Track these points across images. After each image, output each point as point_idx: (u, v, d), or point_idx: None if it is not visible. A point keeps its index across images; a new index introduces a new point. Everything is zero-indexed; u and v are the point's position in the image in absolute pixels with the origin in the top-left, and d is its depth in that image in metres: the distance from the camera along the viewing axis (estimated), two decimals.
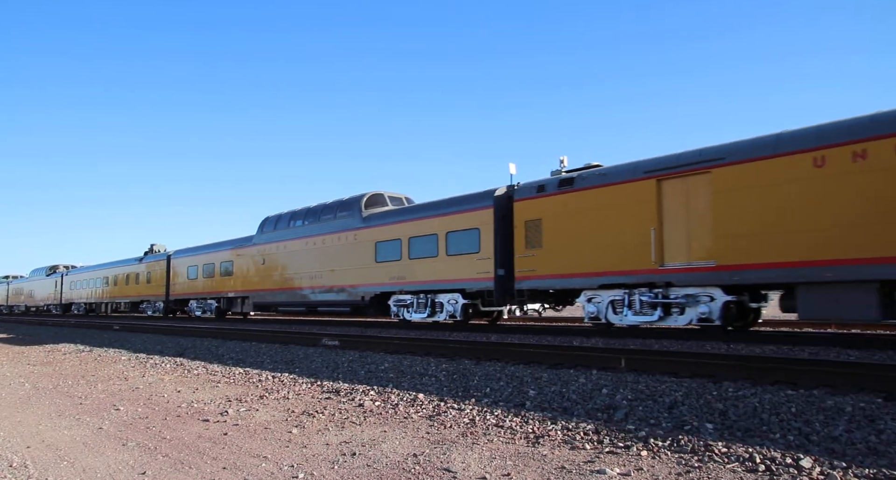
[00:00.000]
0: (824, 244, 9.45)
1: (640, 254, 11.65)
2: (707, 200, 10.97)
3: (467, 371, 7.73)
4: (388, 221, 17.17)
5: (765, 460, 3.63)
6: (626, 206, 12.02)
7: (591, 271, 12.44)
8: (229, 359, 10.88)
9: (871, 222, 9.03)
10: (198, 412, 5.94)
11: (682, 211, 11.39)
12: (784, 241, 9.87)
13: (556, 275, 13.00)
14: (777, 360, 6.84)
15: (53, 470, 4.03)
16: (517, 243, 13.73)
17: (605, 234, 12.27)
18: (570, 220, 12.84)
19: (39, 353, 13.42)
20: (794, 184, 9.79)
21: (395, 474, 3.70)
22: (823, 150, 9.56)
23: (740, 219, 10.47)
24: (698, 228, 11.09)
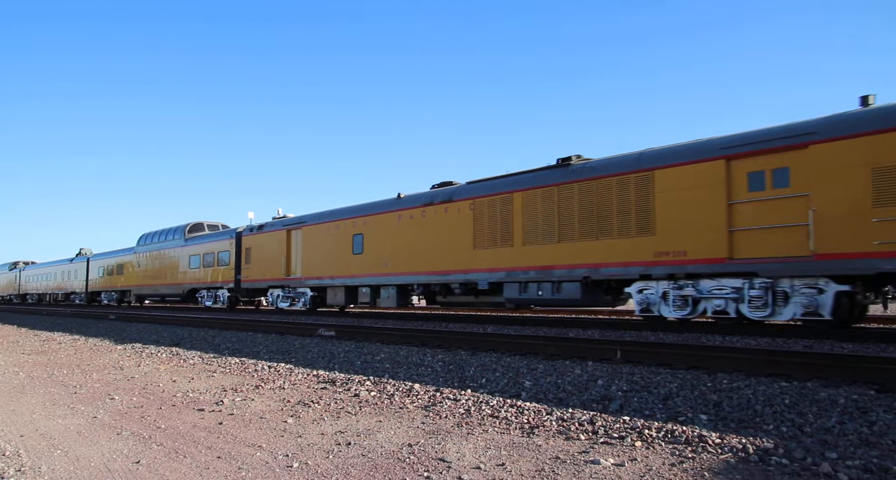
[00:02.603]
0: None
1: (280, 268, 21.93)
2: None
3: (463, 362, 7.75)
4: (193, 242, 27.88)
5: (758, 450, 3.65)
6: (276, 243, 22.19)
7: (268, 278, 22.42)
8: (225, 349, 10.88)
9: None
10: (193, 401, 5.94)
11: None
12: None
13: (254, 279, 23.31)
14: (771, 352, 6.89)
15: (47, 459, 4.02)
16: (242, 261, 24.03)
17: (269, 256, 22.53)
18: (259, 249, 23.17)
19: (34, 342, 13.39)
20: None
21: (390, 463, 3.71)
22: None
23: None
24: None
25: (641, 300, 11.83)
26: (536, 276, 13.30)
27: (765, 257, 10.11)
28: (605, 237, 12.25)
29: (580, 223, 12.67)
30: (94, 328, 17.26)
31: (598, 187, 12.43)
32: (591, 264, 12.41)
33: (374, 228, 17.81)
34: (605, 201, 12.30)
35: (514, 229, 13.85)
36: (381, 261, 17.34)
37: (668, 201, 11.31)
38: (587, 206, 12.58)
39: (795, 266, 9.74)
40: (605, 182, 12.31)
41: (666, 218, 11.33)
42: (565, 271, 12.80)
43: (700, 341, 9.30)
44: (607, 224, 12.23)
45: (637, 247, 11.69)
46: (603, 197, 12.32)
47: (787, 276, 9.93)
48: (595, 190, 12.47)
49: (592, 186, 12.53)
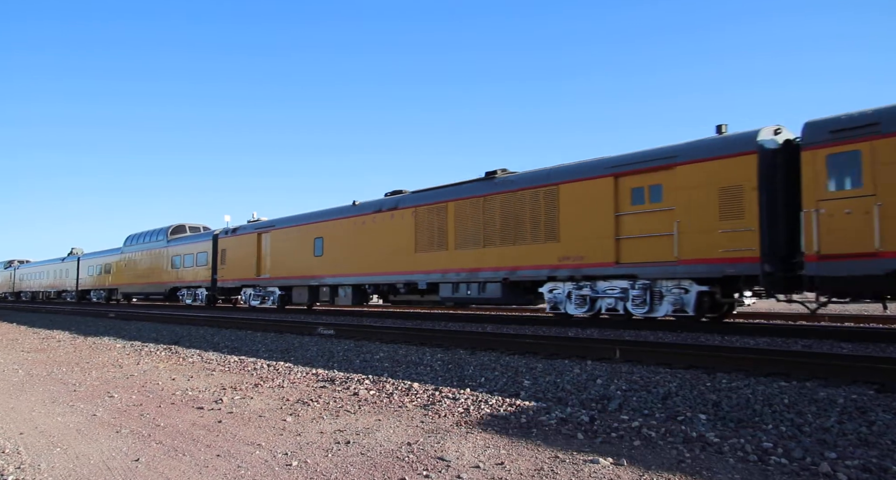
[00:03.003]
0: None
1: (251, 269, 23.64)
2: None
3: (462, 361, 7.75)
4: (175, 243, 29.24)
5: (757, 450, 3.65)
6: (248, 245, 23.74)
7: (242, 277, 23.98)
8: (224, 347, 10.88)
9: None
10: (192, 399, 5.94)
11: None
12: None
13: (229, 279, 24.81)
14: (770, 352, 6.89)
15: (46, 457, 4.02)
16: (218, 262, 25.59)
17: (242, 257, 24.08)
18: (233, 250, 24.57)
19: (33, 340, 13.38)
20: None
21: (389, 462, 3.71)
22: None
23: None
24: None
25: (550, 299, 13.30)
26: (466, 277, 14.85)
27: (643, 262, 11.69)
28: (520, 243, 13.78)
29: (501, 230, 14.20)
30: (93, 326, 17.26)
31: (516, 199, 14.02)
32: (509, 267, 13.94)
33: (333, 232, 19.35)
34: (521, 211, 13.85)
35: (448, 234, 15.42)
36: (338, 263, 18.93)
37: (570, 211, 12.93)
38: (507, 215, 14.13)
39: (665, 270, 11.34)
40: (521, 194, 13.90)
41: (568, 227, 12.93)
42: (489, 273, 14.33)
43: (699, 340, 9.30)
44: (523, 231, 13.77)
45: (545, 252, 13.24)
46: (520, 207, 13.89)
47: (660, 278, 11.51)
48: (514, 201, 14.06)
49: (512, 197, 14.11)
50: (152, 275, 30.41)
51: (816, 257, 9.50)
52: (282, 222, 22.19)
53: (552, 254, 13.11)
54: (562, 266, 12.89)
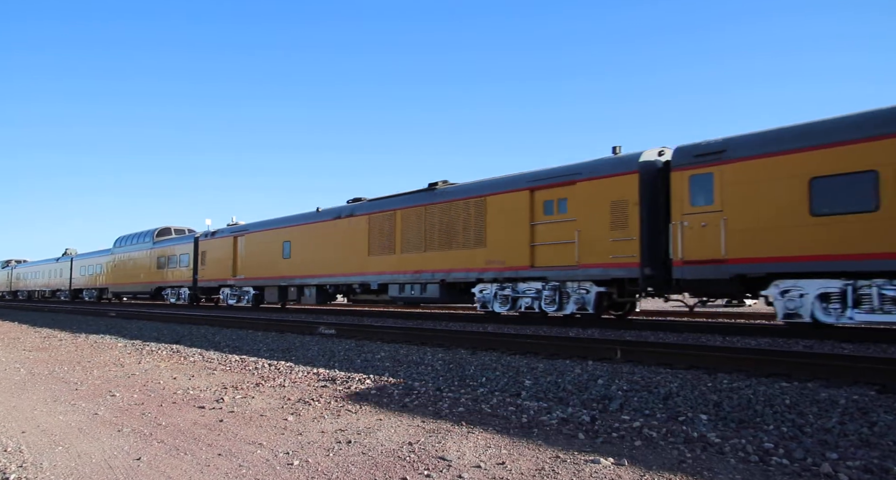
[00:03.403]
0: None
1: (228, 270, 24.81)
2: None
3: (463, 361, 7.75)
4: (160, 245, 30.61)
5: (758, 451, 3.65)
6: (225, 248, 25.25)
7: (220, 278, 25.40)
8: (226, 347, 10.89)
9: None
10: (193, 398, 5.94)
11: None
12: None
13: (208, 279, 26.20)
14: (772, 353, 6.88)
15: (48, 455, 4.03)
16: (199, 263, 26.94)
17: (220, 259, 25.42)
18: (212, 252, 25.92)
19: (35, 339, 13.40)
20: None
21: (391, 462, 3.71)
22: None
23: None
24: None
25: (480, 299, 14.80)
26: (411, 278, 16.33)
27: (552, 266, 13.22)
28: (455, 248, 15.30)
29: (440, 236, 15.72)
30: (94, 325, 17.28)
31: (452, 208, 15.52)
32: (446, 269, 15.44)
33: (299, 236, 20.95)
34: (456, 220, 15.39)
35: (396, 240, 16.96)
36: (303, 265, 20.48)
37: (495, 221, 14.43)
38: (444, 223, 15.66)
39: (569, 273, 12.85)
40: (456, 204, 15.42)
41: (493, 234, 14.43)
42: (429, 275, 15.81)
43: (700, 341, 9.30)
44: (457, 238, 15.30)
45: (475, 256, 14.78)
46: (455, 216, 15.41)
47: (565, 280, 12.98)
48: (450, 210, 15.56)
49: (449, 207, 15.61)
50: (139, 275, 32.09)
51: (681, 263, 11.11)
52: (255, 226, 23.89)
53: (480, 258, 14.65)
54: (488, 269, 14.42)
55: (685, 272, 11.04)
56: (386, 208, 17.51)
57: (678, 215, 11.22)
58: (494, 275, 14.25)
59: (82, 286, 40.05)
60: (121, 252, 34.26)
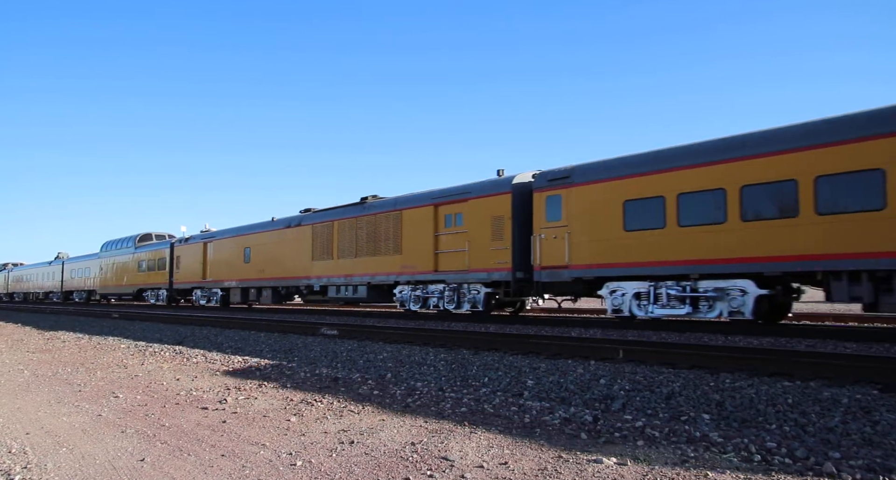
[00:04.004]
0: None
1: (199, 273, 26.95)
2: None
3: (466, 361, 7.76)
4: (141, 250, 32.67)
5: (760, 450, 3.65)
6: (196, 253, 27.38)
7: (192, 280, 27.73)
8: (228, 347, 10.90)
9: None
10: (196, 399, 5.96)
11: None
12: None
13: (182, 282, 28.38)
14: (774, 352, 6.87)
15: (52, 457, 4.04)
16: (174, 267, 29.12)
17: (192, 263, 27.67)
18: (186, 257, 28.15)
19: (38, 340, 13.44)
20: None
21: (393, 462, 3.72)
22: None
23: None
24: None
25: (398, 299, 17.23)
26: (344, 281, 18.71)
27: (451, 270, 15.45)
28: (379, 255, 17.56)
29: (367, 245, 18.02)
30: (97, 327, 17.32)
31: (377, 220, 17.77)
32: (372, 273, 17.77)
33: (257, 243, 23.19)
34: (379, 230, 17.62)
35: (333, 247, 19.26)
36: (261, 269, 22.74)
37: (408, 231, 16.62)
38: (371, 233, 17.93)
39: (462, 276, 15.13)
40: (379, 216, 17.66)
41: (408, 243, 16.59)
42: (359, 278, 18.18)
43: (702, 340, 9.29)
44: (380, 246, 17.52)
45: (393, 262, 16.99)
46: (378, 227, 17.66)
47: (461, 282, 15.26)
48: (375, 222, 17.81)
49: (374, 219, 17.86)
50: (123, 278, 34.65)
51: (540, 268, 13.33)
52: (221, 233, 26.13)
53: (397, 264, 16.90)
54: (403, 273, 16.74)
55: (542, 276, 13.33)
56: (326, 219, 19.84)
57: (538, 229, 13.53)
58: (408, 278, 16.63)
59: (73, 288, 42.56)
60: (107, 256, 36.83)
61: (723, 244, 10.48)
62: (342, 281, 18.76)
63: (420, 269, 16.18)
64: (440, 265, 15.76)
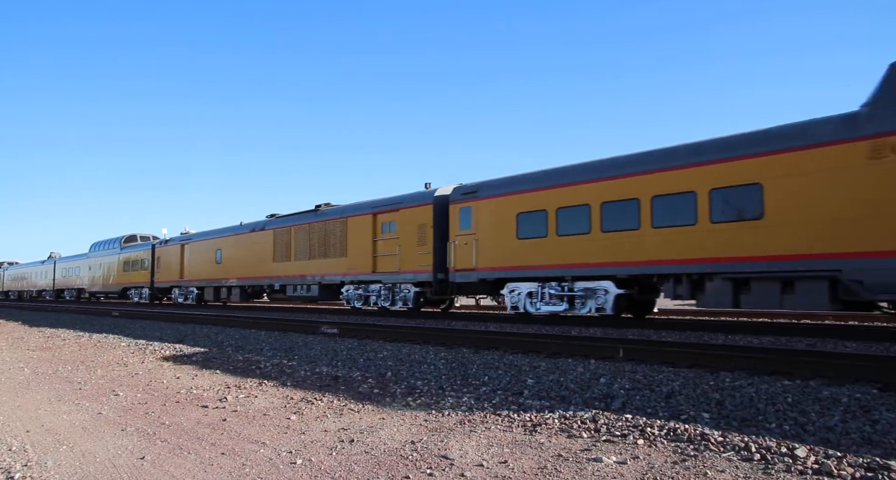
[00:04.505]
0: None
1: (177, 273, 28.70)
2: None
3: (466, 360, 7.76)
4: (126, 251, 34.53)
5: (760, 449, 3.65)
6: (175, 254, 29.57)
7: (171, 280, 29.39)
8: (228, 346, 10.91)
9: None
10: (197, 398, 5.97)
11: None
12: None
13: (162, 281, 30.18)
14: (774, 351, 6.87)
15: (53, 455, 4.05)
16: (155, 267, 30.74)
17: (171, 263, 29.40)
18: (166, 257, 29.91)
19: (39, 338, 13.45)
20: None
21: (393, 461, 3.72)
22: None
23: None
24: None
25: (345, 297, 19.12)
26: (300, 281, 20.69)
27: (386, 272, 17.27)
28: (328, 257, 19.45)
29: (319, 248, 19.89)
30: (97, 325, 17.33)
31: (326, 226, 19.69)
32: (322, 274, 19.64)
33: (227, 245, 25.20)
34: (329, 235, 19.52)
35: (291, 250, 21.20)
36: (231, 269, 24.75)
37: (353, 237, 18.53)
38: (321, 237, 19.83)
39: (394, 277, 16.97)
40: (329, 223, 19.60)
41: (352, 247, 18.50)
42: (311, 278, 20.13)
43: (702, 339, 9.29)
44: (330, 249, 19.42)
45: (340, 264, 18.89)
46: (328, 232, 19.55)
47: (394, 282, 17.10)
48: (325, 228, 19.72)
49: (325, 225, 19.76)
50: (110, 277, 36.64)
51: (454, 270, 15.12)
52: (197, 236, 28.18)
53: (344, 265, 18.77)
54: (348, 274, 18.66)
55: (456, 277, 15.14)
56: (285, 224, 21.74)
57: (453, 236, 15.29)
58: (353, 278, 18.57)
59: (64, 287, 44.41)
60: (95, 256, 38.99)
61: (590, 251, 12.37)
62: (298, 281, 20.75)
63: (361, 270, 18.16)
64: (378, 267, 17.67)
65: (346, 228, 18.82)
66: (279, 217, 22.80)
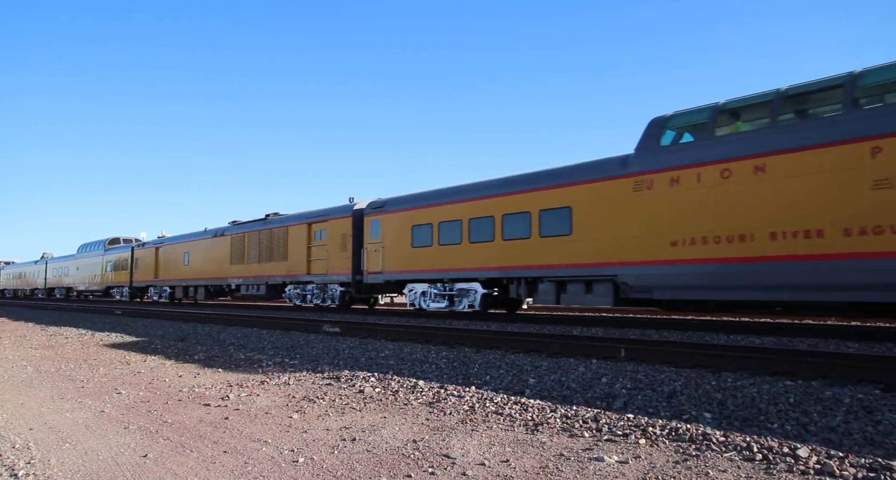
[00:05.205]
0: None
1: (152, 273, 32.09)
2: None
3: (467, 359, 7.76)
4: (109, 253, 37.46)
5: (762, 449, 3.65)
6: (150, 256, 32.38)
7: (147, 279, 32.31)
8: (231, 345, 10.93)
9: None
10: (199, 396, 5.98)
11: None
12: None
13: (140, 280, 33.15)
14: (776, 351, 6.87)
15: (56, 452, 4.06)
16: (134, 268, 33.71)
17: (147, 264, 32.09)
18: (143, 259, 32.76)
19: (41, 337, 13.48)
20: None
21: (395, 459, 3.73)
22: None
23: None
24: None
25: (287, 296, 21.86)
26: (253, 281, 23.62)
27: (318, 273, 20.05)
28: (274, 261, 22.31)
29: (266, 253, 22.83)
30: (100, 323, 17.37)
31: (272, 233, 22.59)
32: (268, 275, 22.56)
33: (193, 249, 28.21)
34: (274, 241, 22.41)
35: (245, 254, 24.15)
36: (196, 270, 27.75)
37: (292, 243, 21.35)
38: (269, 243, 22.73)
39: (324, 278, 19.69)
40: (274, 231, 22.46)
41: (292, 252, 21.30)
42: (260, 279, 23.07)
43: (704, 339, 9.28)
44: (275, 254, 22.29)
45: (283, 267, 21.71)
46: (274, 239, 22.46)
47: (324, 283, 19.89)
48: (272, 235, 22.60)
49: (271, 232, 22.63)
50: (95, 277, 39.62)
51: (367, 273, 17.89)
52: (169, 240, 31.21)
53: (285, 268, 21.56)
54: (288, 276, 21.38)
55: (368, 279, 17.92)
56: (241, 230, 24.62)
57: (366, 244, 18.09)
58: (292, 279, 21.30)
59: (55, 286, 47.31)
60: (82, 257, 42.14)
61: (462, 258, 14.95)
62: (251, 281, 23.71)
63: (299, 272, 20.84)
64: (311, 270, 20.44)
65: (287, 235, 21.67)
66: (237, 224, 25.70)
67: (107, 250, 38.52)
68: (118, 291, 36.76)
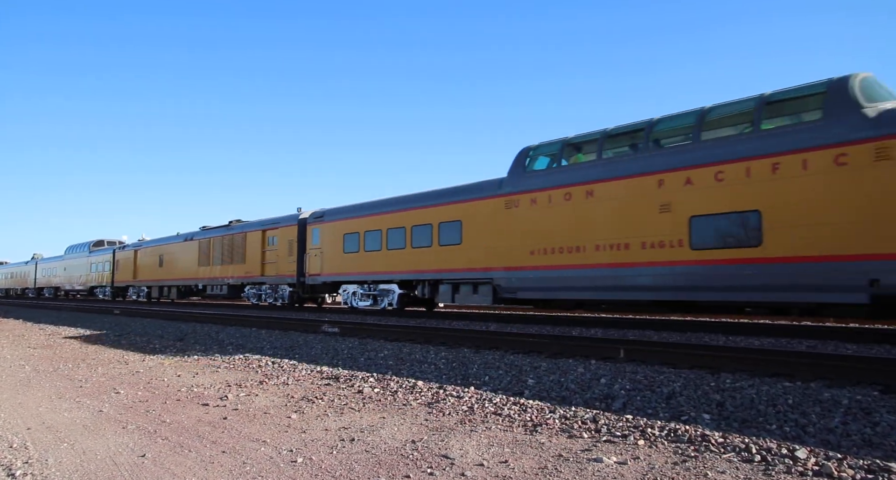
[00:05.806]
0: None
1: (131, 274, 34.84)
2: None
3: (466, 359, 7.76)
4: (94, 254, 39.70)
5: (761, 450, 3.65)
6: (129, 258, 35.36)
7: (126, 280, 34.83)
8: (229, 345, 10.92)
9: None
10: (197, 396, 5.97)
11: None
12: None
13: (120, 281, 35.36)
14: (775, 352, 6.87)
15: (53, 452, 4.06)
16: (115, 269, 36.16)
17: (127, 266, 34.92)
18: (123, 261, 35.43)
19: (39, 336, 13.46)
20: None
21: (394, 460, 3.72)
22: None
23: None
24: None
25: (245, 295, 24.38)
26: (217, 282, 25.85)
27: (272, 275, 22.36)
28: (234, 263, 24.64)
29: (228, 256, 25.12)
30: (98, 323, 17.34)
31: (233, 239, 24.88)
32: (230, 276, 24.90)
33: (167, 252, 30.76)
34: (234, 246, 24.74)
35: (210, 257, 26.52)
36: (169, 272, 30.31)
37: (250, 247, 23.68)
38: (229, 247, 25.10)
39: (276, 279, 22.08)
40: (235, 236, 24.81)
41: (249, 256, 23.71)
42: (223, 280, 25.34)
43: (703, 340, 9.29)
44: (235, 257, 24.64)
45: (241, 269, 24.08)
46: (234, 244, 24.78)
47: (276, 283, 22.30)
48: (233, 240, 24.89)
49: (232, 237, 25.00)
50: (81, 277, 42.05)
51: (308, 275, 20.12)
52: (146, 243, 33.61)
53: (243, 270, 23.98)
54: (246, 277, 23.82)
55: (309, 280, 20.14)
56: (207, 235, 27.04)
57: (308, 249, 20.38)
58: (249, 280, 23.70)
59: (44, 285, 49.50)
60: (69, 258, 44.32)
61: (382, 263, 17.10)
62: (216, 282, 25.96)
63: (255, 274, 23.18)
64: (265, 272, 22.78)
65: (245, 240, 24.03)
66: (206, 229, 28.20)
67: (91, 251, 40.94)
68: (101, 290, 39.07)
